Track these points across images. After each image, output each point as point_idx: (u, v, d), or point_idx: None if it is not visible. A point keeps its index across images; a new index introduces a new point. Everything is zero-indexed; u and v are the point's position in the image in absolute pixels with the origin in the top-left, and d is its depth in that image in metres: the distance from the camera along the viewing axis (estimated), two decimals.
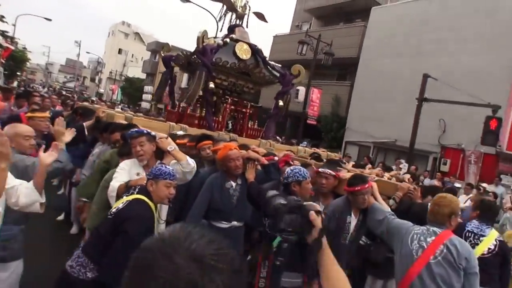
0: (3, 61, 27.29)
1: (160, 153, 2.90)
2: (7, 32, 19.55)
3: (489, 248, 3.21)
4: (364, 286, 3.59)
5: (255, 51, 5.99)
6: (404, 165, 9.88)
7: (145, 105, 29.17)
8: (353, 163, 7.57)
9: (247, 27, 6.40)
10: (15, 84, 24.38)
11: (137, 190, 2.38)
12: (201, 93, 5.46)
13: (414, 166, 10.13)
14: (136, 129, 2.96)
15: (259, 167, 3.33)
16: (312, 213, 1.30)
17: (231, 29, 6.17)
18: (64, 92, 22.47)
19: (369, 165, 6.61)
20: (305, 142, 15.11)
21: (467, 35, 12.14)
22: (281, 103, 6.24)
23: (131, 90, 36.48)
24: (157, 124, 4.78)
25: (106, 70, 50.18)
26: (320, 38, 12.40)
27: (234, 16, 6.40)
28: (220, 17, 6.59)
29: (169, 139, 3.00)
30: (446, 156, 12.02)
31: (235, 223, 3.13)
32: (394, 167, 9.09)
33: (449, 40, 12.63)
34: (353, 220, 2.99)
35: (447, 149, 12.01)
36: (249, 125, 6.17)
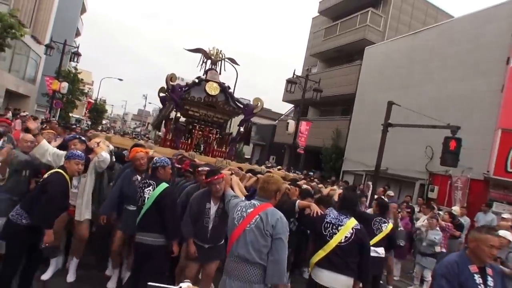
0: (86, 112, 33.49)
1: (89, 150, 4.00)
2: (83, 89, 24.52)
3: (345, 237, 3.28)
4: None
5: (223, 89, 7.03)
6: (371, 187, 9.90)
7: None
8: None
9: (224, 70, 7.51)
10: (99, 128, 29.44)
11: (58, 166, 3.43)
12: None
13: (382, 189, 10.06)
14: (72, 134, 4.08)
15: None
16: None
17: (206, 72, 7.23)
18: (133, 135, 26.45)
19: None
20: (311, 173, 15.47)
21: (452, 63, 12.15)
22: (241, 129, 7.17)
23: None
24: (128, 141, 6.10)
25: None
26: (308, 78, 13.06)
27: (209, 62, 7.41)
28: (202, 64, 7.54)
29: (97, 142, 4.02)
30: (434, 183, 11.65)
31: None
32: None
33: (434, 69, 12.71)
34: (212, 207, 3.43)
35: (435, 176, 11.67)
36: (215, 147, 6.88)
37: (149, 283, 1.00)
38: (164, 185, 3.44)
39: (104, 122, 44.47)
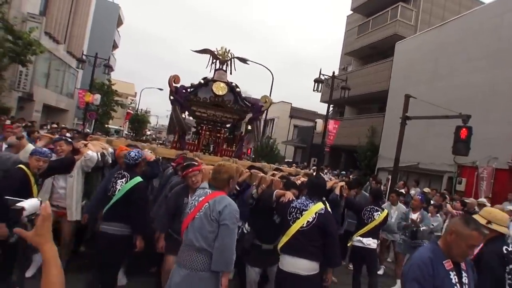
0: (125, 122, 33.60)
1: (76, 150, 4.11)
2: (118, 100, 24.96)
3: (307, 221, 3.12)
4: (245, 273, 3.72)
5: (231, 88, 6.99)
6: (390, 181, 9.67)
7: None
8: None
9: (235, 70, 7.36)
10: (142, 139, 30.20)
11: (23, 163, 3.36)
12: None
13: (402, 182, 9.74)
14: (58, 136, 4.26)
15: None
16: None
17: (214, 72, 7.23)
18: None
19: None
20: (343, 172, 15.36)
21: (475, 54, 11.66)
22: (249, 127, 7.13)
23: None
24: (125, 142, 6.15)
25: None
26: (334, 76, 12.99)
27: (218, 62, 7.62)
28: (211, 65, 7.61)
29: (84, 143, 4.27)
30: (462, 175, 11.03)
31: None
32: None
33: (459, 61, 12.20)
34: (190, 202, 3.32)
35: (464, 168, 11.05)
36: (224, 147, 6.98)
37: (8, 197, 1.03)
38: (137, 179, 3.37)
39: (148, 133, 43.24)
